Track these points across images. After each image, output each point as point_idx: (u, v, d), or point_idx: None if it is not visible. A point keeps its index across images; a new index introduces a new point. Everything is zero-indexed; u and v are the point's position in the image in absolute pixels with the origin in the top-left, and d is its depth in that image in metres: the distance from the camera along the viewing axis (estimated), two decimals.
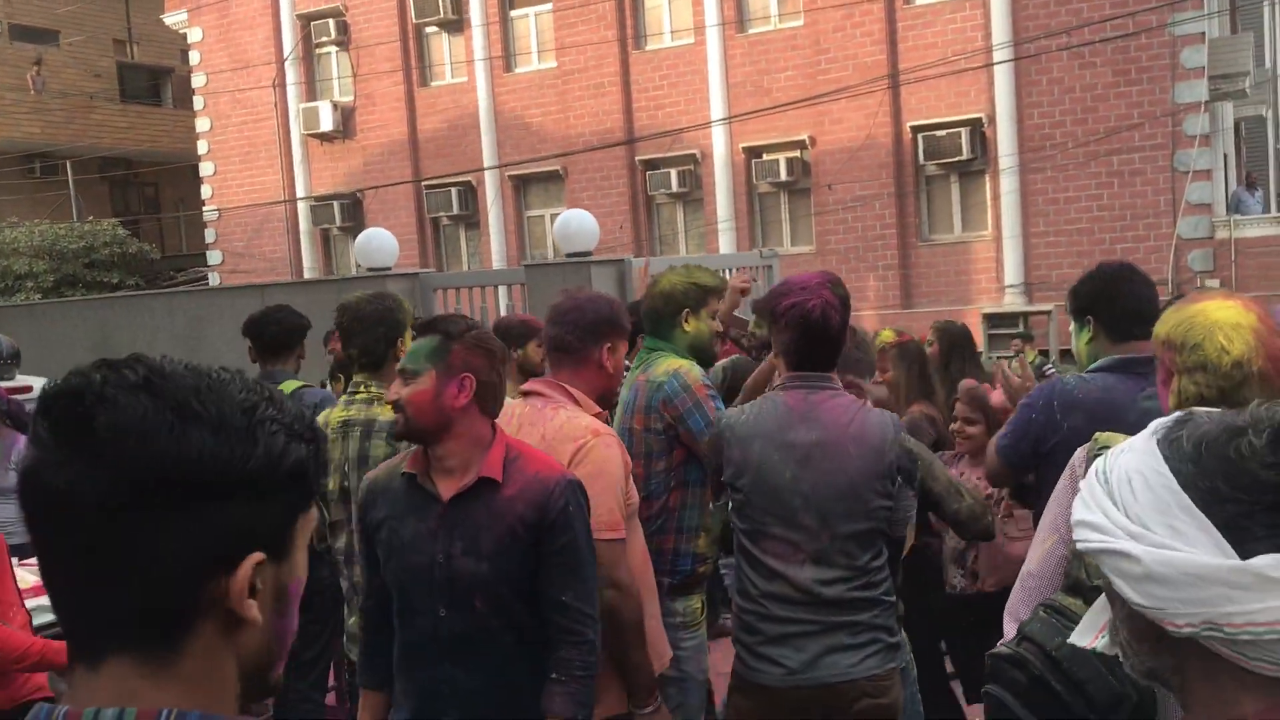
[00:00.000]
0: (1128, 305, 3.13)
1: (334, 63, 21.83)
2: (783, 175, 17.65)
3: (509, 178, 19.99)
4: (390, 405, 2.67)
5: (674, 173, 18.39)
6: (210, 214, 23.10)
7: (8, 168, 24.86)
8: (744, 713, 2.98)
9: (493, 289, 8.91)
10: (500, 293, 8.97)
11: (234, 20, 22.30)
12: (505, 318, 5.45)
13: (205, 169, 23.12)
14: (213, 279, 22.59)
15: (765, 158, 17.97)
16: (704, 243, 18.43)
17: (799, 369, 2.96)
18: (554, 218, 12.49)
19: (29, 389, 5.98)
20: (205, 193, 23.23)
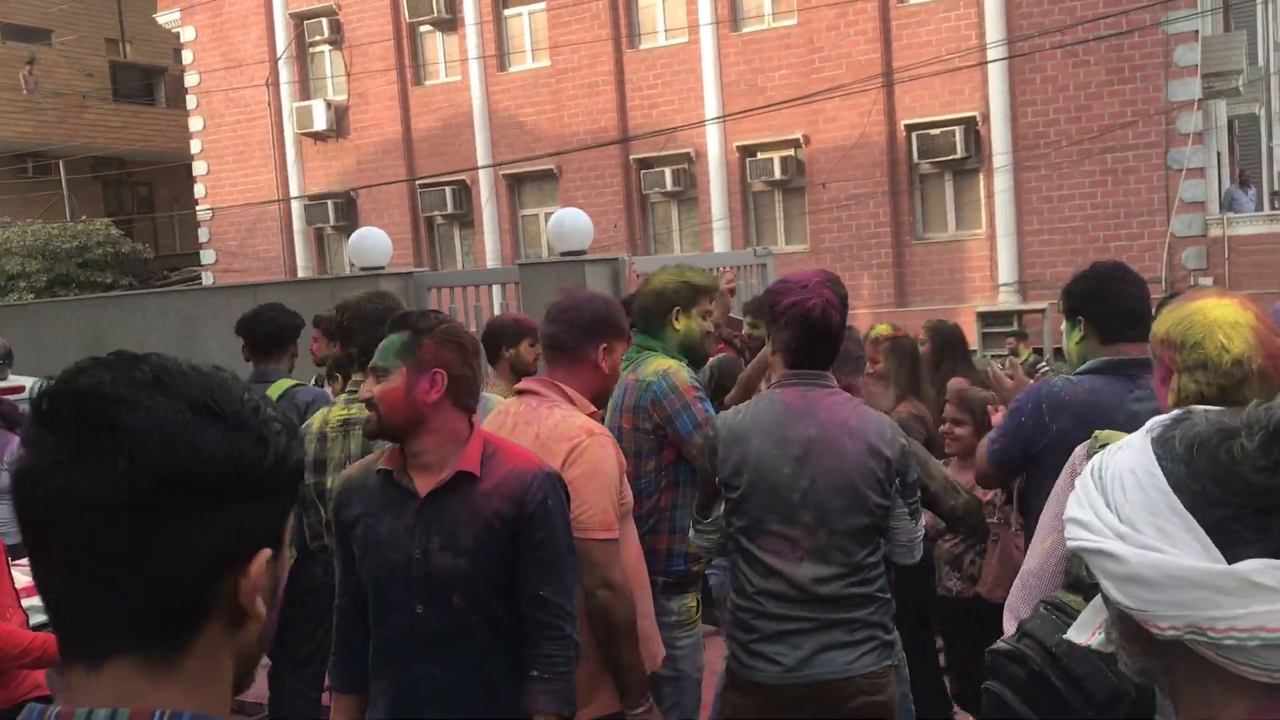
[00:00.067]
0: (1120, 305, 3.12)
1: (327, 62, 21.80)
2: (777, 174, 17.65)
3: (503, 177, 19.98)
4: (364, 404, 2.64)
5: (668, 171, 18.39)
6: (204, 213, 23.06)
7: (0, 167, 24.80)
8: (740, 711, 2.97)
9: (487, 288, 8.88)
10: (494, 292, 8.94)
11: (227, 19, 22.26)
12: (499, 317, 5.44)
13: (198, 168, 23.08)
14: (206, 278, 22.56)
15: (759, 156, 17.97)
16: (698, 241, 18.42)
17: (798, 367, 2.95)
18: (548, 217, 12.48)
19: (21, 389, 5.97)
20: (199, 192, 23.19)
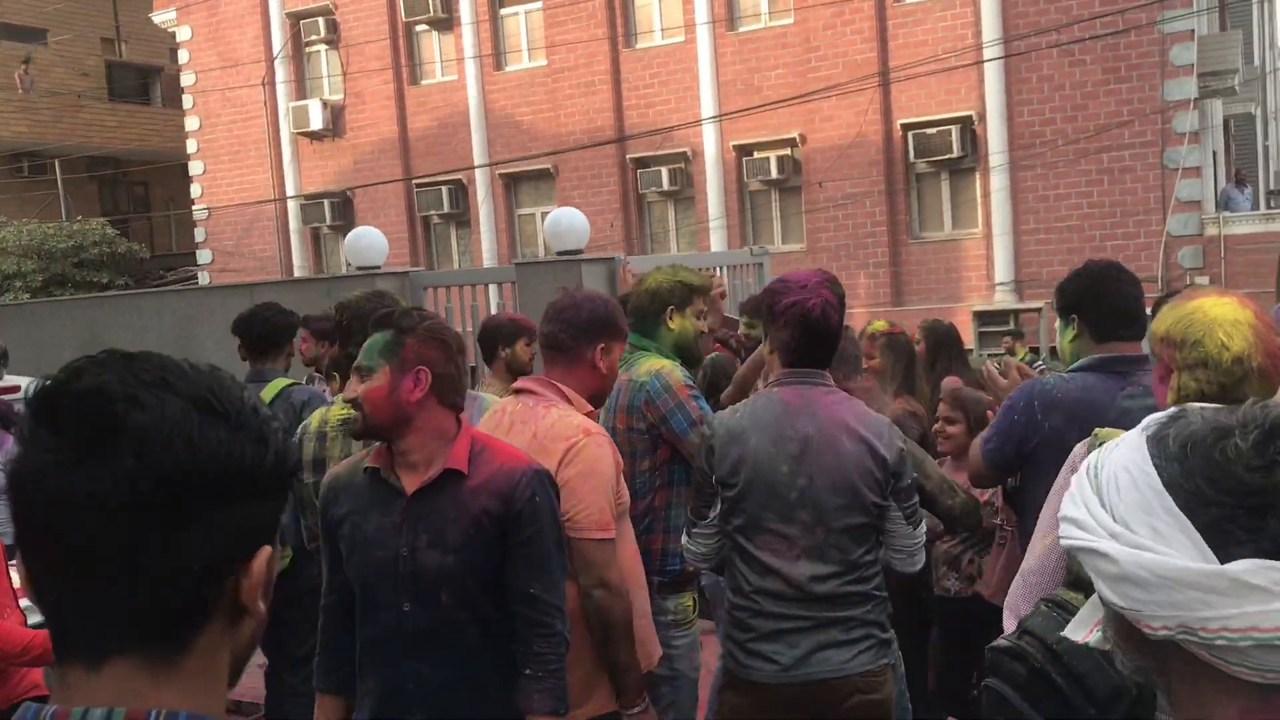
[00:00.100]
0: (1114, 304, 3.12)
1: (324, 61, 21.78)
2: (773, 173, 17.65)
3: (499, 176, 19.97)
4: (349, 404, 2.63)
5: (665, 171, 18.39)
6: (200, 213, 23.04)
7: None
8: (737, 710, 2.96)
9: (483, 287, 8.86)
10: (491, 291, 8.93)
11: (223, 19, 22.24)
12: (494, 316, 5.43)
13: (195, 168, 23.05)
14: (203, 278, 22.53)
15: (756, 156, 17.97)
16: (695, 241, 18.42)
17: (796, 366, 2.95)
18: (545, 216, 12.46)
19: (17, 389, 5.96)
20: (195, 192, 23.16)
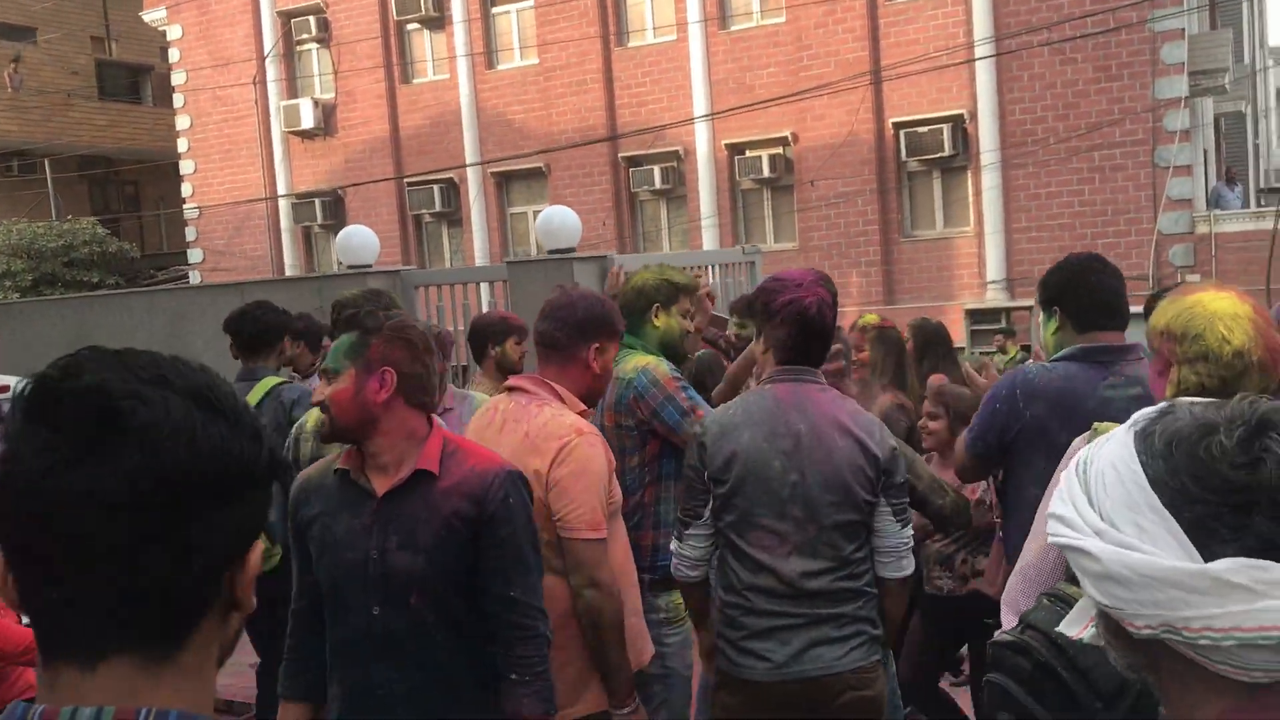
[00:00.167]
0: (1095, 296, 3.14)
1: (315, 60, 21.73)
2: (765, 172, 17.66)
3: (491, 174, 19.95)
4: (317, 406, 2.59)
5: (657, 169, 18.39)
6: (191, 212, 22.98)
7: None
8: (730, 710, 2.95)
9: (475, 286, 8.87)
10: (483, 290, 8.94)
11: (214, 17, 22.18)
12: (484, 315, 5.42)
13: (185, 167, 22.99)
14: (194, 277, 22.47)
15: (748, 154, 17.98)
16: (687, 239, 18.42)
17: (791, 363, 2.96)
18: (537, 214, 12.45)
19: (6, 388, 5.94)
20: (185, 191, 23.09)
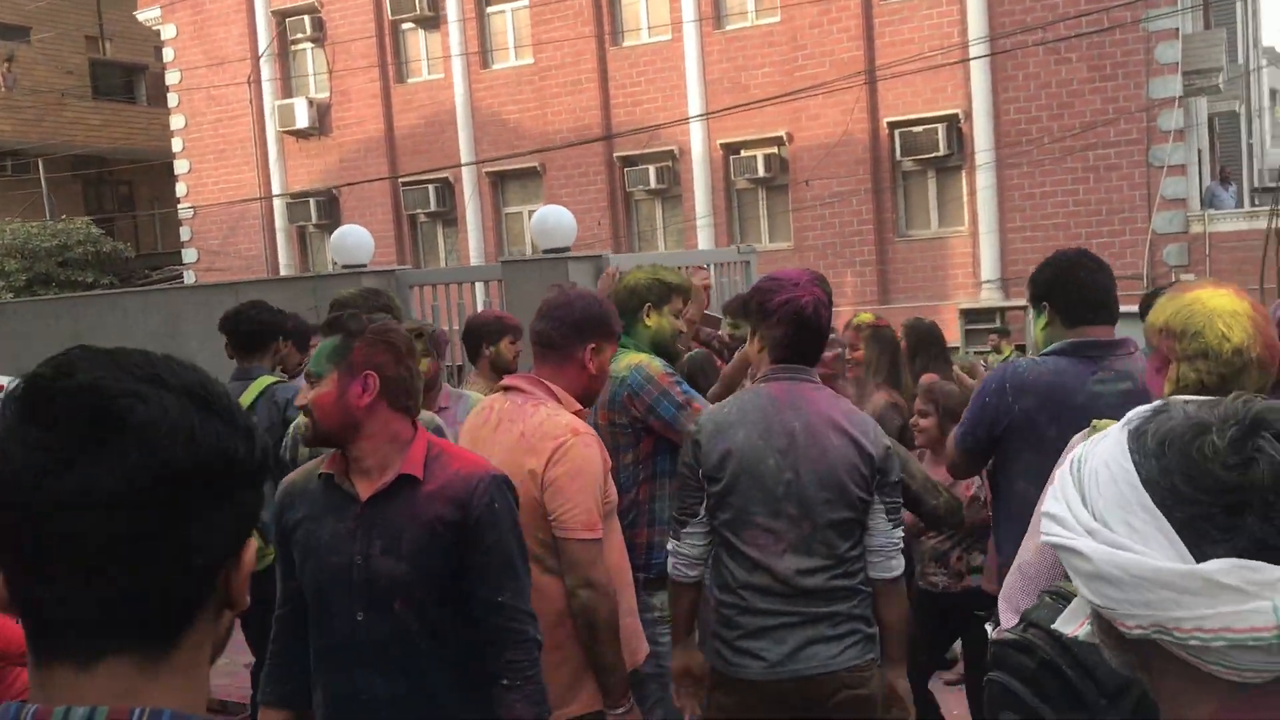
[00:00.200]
0: (1083, 292, 3.16)
1: (309, 59, 21.70)
2: (760, 171, 17.67)
3: (486, 174, 19.94)
4: (301, 410, 2.58)
5: (652, 169, 18.39)
6: (185, 212, 22.93)
7: None
8: (725, 710, 2.95)
9: (470, 285, 8.85)
10: (478, 289, 8.93)
11: (208, 16, 22.14)
12: (479, 314, 5.42)
13: (180, 166, 22.94)
14: (188, 277, 22.43)
15: (743, 154, 17.98)
16: (682, 239, 18.43)
17: (786, 362, 2.96)
18: (532, 214, 12.45)
19: (0, 388, 5.94)
20: (180, 190, 23.05)
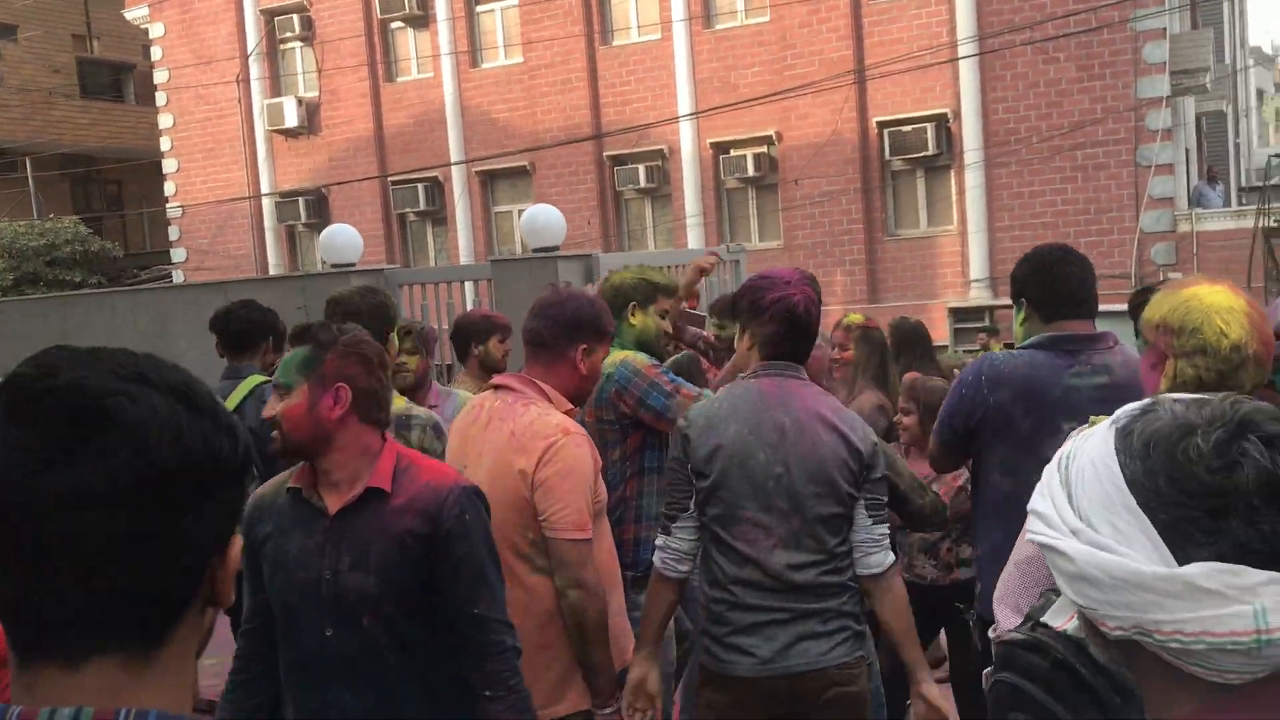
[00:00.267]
0: (1059, 286, 3.16)
1: (298, 58, 21.65)
2: (750, 171, 17.68)
3: (476, 173, 19.92)
4: (268, 421, 2.51)
5: (641, 168, 18.39)
6: (174, 211, 22.86)
7: None
8: (716, 707, 2.94)
9: (459, 284, 8.86)
10: (467, 288, 8.93)
11: (196, 15, 22.07)
12: (468, 313, 5.42)
13: (168, 166, 22.87)
14: (177, 276, 22.35)
15: (732, 153, 17.99)
16: (672, 238, 18.43)
17: (776, 359, 2.97)
18: (521, 213, 12.44)
19: None
20: (168, 189, 22.97)
